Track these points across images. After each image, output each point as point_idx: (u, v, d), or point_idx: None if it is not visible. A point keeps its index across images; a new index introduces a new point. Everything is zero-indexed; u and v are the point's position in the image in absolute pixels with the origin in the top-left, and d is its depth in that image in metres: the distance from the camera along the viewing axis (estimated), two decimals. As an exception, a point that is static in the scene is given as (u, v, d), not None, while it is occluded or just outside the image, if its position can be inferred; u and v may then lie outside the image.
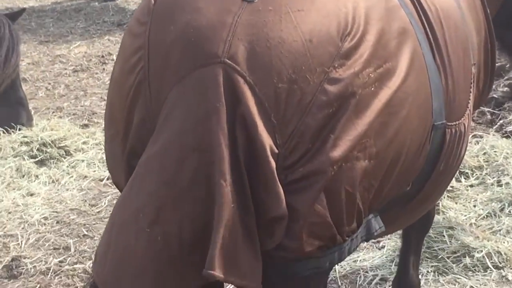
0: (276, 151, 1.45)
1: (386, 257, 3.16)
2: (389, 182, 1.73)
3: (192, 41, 1.52)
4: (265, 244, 1.53)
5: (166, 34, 1.58)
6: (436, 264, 3.11)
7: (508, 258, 3.10)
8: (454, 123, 1.93)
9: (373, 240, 3.06)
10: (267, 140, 1.43)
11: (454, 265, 3.06)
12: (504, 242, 3.22)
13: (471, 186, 3.68)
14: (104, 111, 2.78)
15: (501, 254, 3.11)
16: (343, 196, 1.58)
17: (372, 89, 1.60)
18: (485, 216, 3.49)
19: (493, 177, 3.77)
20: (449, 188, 3.41)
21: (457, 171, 2.48)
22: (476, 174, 3.77)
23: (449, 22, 1.98)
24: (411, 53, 1.73)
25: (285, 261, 1.60)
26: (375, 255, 3.14)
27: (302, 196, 1.52)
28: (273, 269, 1.62)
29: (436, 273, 3.05)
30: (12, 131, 4.26)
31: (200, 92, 1.48)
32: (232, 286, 2.68)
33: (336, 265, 2.96)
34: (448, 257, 3.10)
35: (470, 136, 4.44)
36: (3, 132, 4.28)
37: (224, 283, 1.69)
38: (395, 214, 1.96)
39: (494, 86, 5.14)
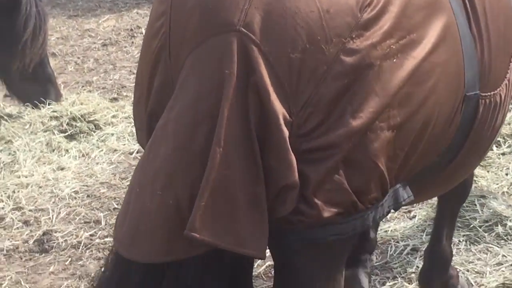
0: (290, 119, 1.48)
1: (417, 227, 3.19)
2: (416, 152, 1.73)
3: (209, 8, 1.57)
4: (277, 211, 1.56)
5: (187, 0, 1.64)
6: (468, 233, 3.11)
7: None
8: (489, 93, 1.93)
9: (404, 210, 3.20)
10: (279, 109, 1.46)
11: (486, 234, 3.07)
12: (536, 210, 3.16)
13: (503, 154, 3.66)
14: (133, 84, 2.80)
15: (533, 222, 3.06)
16: (364, 166, 1.60)
17: (395, 60, 1.62)
18: (518, 184, 3.55)
19: (526, 145, 3.81)
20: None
21: (494, 142, 2.37)
22: (508, 142, 3.76)
23: None
24: (442, 23, 1.73)
25: (304, 226, 1.61)
26: (406, 225, 3.16)
27: (317, 166, 1.54)
28: (294, 236, 1.65)
29: (467, 242, 3.06)
30: (42, 106, 4.31)
31: (215, 59, 1.53)
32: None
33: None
34: (480, 226, 3.11)
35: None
36: (33, 108, 4.35)
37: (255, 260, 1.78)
38: (427, 184, 1.96)
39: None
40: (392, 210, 1.86)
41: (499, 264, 2.92)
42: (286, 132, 1.49)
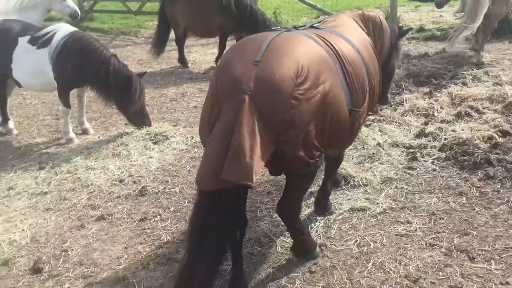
0: (272, 128, 2.69)
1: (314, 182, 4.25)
2: (331, 136, 3.00)
3: (234, 82, 2.74)
4: (281, 157, 2.80)
5: (223, 78, 2.80)
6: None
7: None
8: (358, 109, 3.25)
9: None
10: (264, 123, 2.66)
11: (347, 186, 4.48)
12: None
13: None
14: (184, 119, 5.48)
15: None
16: (312, 143, 2.86)
17: (315, 97, 2.81)
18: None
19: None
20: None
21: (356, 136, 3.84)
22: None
23: (352, 61, 3.22)
24: (333, 78, 2.97)
25: (302, 166, 2.92)
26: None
27: (287, 146, 2.79)
28: (297, 170, 2.96)
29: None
30: (142, 127, 6.03)
31: (237, 105, 2.65)
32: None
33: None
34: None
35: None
36: (138, 129, 6.02)
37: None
38: (338, 149, 3.32)
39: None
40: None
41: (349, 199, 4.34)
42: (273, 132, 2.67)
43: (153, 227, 4.13)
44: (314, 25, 3.48)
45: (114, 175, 5.07)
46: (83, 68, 5.63)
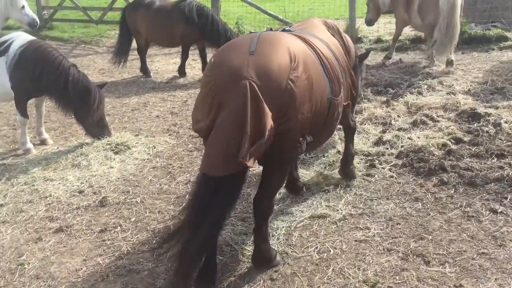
0: (272, 114, 2.84)
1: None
2: (313, 122, 3.20)
3: (233, 69, 2.91)
4: (278, 137, 2.92)
5: (221, 71, 2.95)
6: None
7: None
8: (336, 98, 3.49)
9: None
10: (268, 109, 2.82)
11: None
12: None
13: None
14: (146, 128, 5.40)
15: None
16: (298, 130, 3.06)
17: (306, 81, 3.06)
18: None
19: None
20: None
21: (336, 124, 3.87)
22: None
23: (327, 56, 3.51)
24: (316, 68, 3.24)
25: (289, 150, 3.14)
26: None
27: (283, 135, 2.98)
28: (282, 154, 3.14)
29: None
30: (101, 138, 6.00)
31: (240, 93, 2.81)
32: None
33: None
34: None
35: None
36: (98, 139, 5.98)
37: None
38: (317, 137, 3.40)
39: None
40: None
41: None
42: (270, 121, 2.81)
43: (113, 238, 4.09)
44: (286, 29, 3.68)
45: (73, 186, 4.98)
46: (41, 77, 5.55)
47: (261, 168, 3.38)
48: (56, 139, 6.47)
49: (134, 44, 9.63)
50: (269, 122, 2.81)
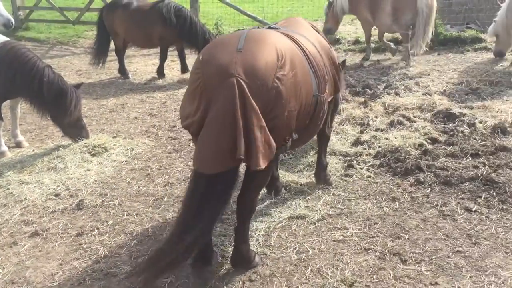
0: (261, 109, 2.86)
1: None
2: (299, 120, 3.22)
3: (221, 68, 2.90)
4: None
5: (210, 68, 2.95)
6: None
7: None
8: (321, 94, 3.51)
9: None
10: (256, 104, 2.83)
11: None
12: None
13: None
14: (124, 130, 5.32)
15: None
16: (285, 127, 3.08)
17: (292, 79, 3.09)
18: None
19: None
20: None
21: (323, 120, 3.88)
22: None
23: (312, 53, 3.54)
24: (303, 65, 3.26)
25: (278, 144, 3.05)
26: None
27: (278, 121, 3.02)
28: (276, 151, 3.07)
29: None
30: (78, 140, 5.92)
31: (228, 89, 2.82)
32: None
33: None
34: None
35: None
36: (75, 141, 5.92)
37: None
38: (302, 135, 3.43)
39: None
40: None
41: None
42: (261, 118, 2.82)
43: (90, 241, 4.04)
44: (271, 26, 3.71)
45: (49, 189, 4.90)
46: (15, 79, 5.46)
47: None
48: (32, 141, 6.40)
49: (112, 45, 9.55)
50: (259, 119, 2.85)
